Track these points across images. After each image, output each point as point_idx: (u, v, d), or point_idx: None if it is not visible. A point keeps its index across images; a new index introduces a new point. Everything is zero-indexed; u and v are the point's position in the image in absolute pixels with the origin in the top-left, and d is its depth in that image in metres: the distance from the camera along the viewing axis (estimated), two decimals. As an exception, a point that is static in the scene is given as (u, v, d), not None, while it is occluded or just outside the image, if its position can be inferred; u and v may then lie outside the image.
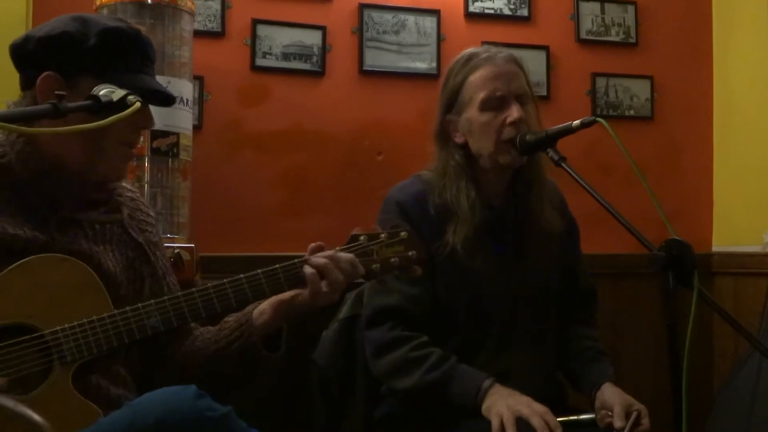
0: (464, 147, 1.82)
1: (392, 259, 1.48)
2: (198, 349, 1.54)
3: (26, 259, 1.34)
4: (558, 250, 1.87)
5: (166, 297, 1.42)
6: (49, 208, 1.42)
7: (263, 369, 1.52)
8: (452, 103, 1.83)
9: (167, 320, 1.39)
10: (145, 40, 1.48)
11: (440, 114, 1.85)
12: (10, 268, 1.33)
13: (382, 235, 1.49)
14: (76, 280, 1.37)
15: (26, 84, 1.43)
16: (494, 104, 1.77)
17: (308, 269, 1.42)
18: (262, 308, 1.50)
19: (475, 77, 1.79)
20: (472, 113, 1.79)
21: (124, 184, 1.59)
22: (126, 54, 1.43)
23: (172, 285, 1.60)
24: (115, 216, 1.51)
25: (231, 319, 1.54)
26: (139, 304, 1.40)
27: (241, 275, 1.44)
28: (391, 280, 1.70)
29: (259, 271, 1.44)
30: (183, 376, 1.51)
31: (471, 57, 1.82)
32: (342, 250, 1.47)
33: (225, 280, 1.43)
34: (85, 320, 1.34)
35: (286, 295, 1.47)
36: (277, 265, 1.44)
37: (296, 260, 1.45)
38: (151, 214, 1.62)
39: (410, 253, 1.49)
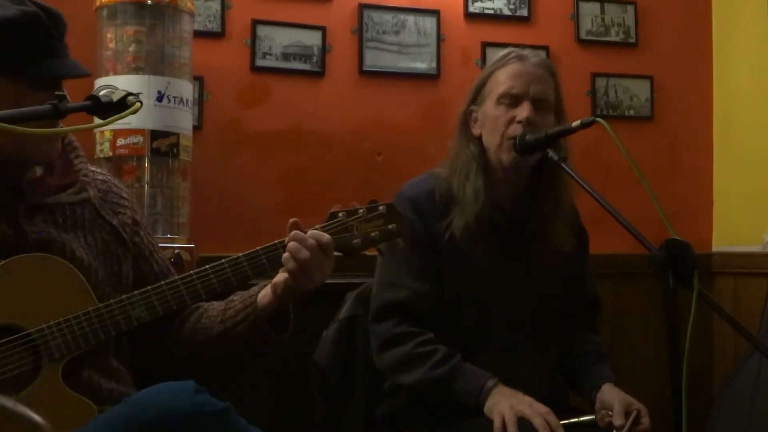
0: (480, 140, 1.84)
1: (372, 233, 1.48)
2: (204, 327, 1.54)
3: (5, 260, 1.33)
4: (565, 259, 1.88)
5: (149, 287, 1.42)
6: (15, 197, 1.40)
7: (270, 349, 1.52)
8: (477, 93, 1.86)
9: (152, 310, 1.40)
10: (43, 22, 1.34)
11: (466, 103, 1.88)
12: None
13: (361, 210, 1.49)
14: (57, 278, 1.37)
15: None
16: (509, 100, 1.79)
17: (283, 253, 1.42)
18: (266, 291, 1.50)
19: (501, 72, 1.82)
20: (488, 106, 1.82)
21: (92, 168, 1.57)
22: (27, 44, 1.33)
23: (161, 262, 1.60)
24: (83, 195, 1.49)
25: (236, 299, 1.54)
26: (124, 296, 1.40)
27: (224, 260, 1.44)
28: (399, 275, 1.74)
29: (240, 254, 1.44)
30: (188, 356, 1.52)
31: (506, 54, 1.85)
32: (321, 228, 1.47)
33: (207, 266, 1.43)
34: (70, 316, 1.34)
35: (281, 277, 1.46)
36: (258, 248, 1.45)
37: (276, 242, 1.46)
38: (125, 195, 1.59)
39: (390, 226, 1.48)
